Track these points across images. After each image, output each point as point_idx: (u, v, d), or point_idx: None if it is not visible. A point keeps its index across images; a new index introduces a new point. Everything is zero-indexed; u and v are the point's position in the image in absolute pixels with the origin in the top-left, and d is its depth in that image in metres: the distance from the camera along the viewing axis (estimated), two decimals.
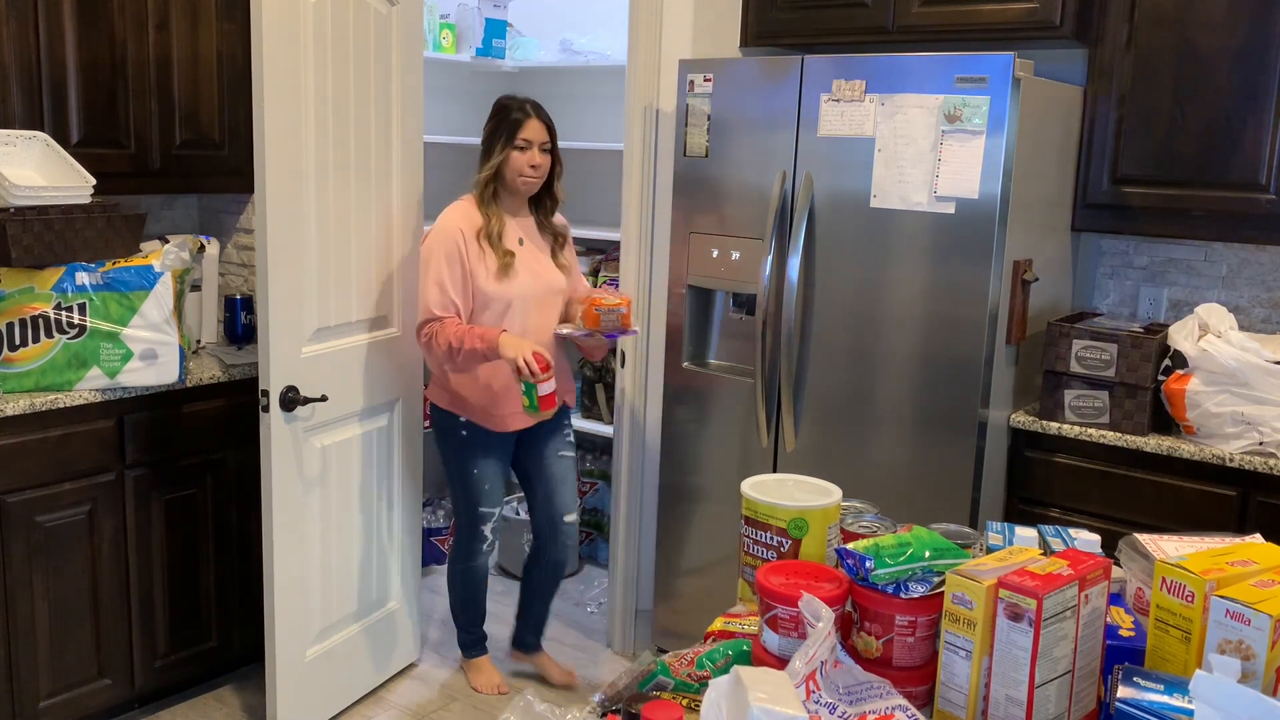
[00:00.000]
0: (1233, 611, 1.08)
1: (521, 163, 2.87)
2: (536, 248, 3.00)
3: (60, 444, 2.72)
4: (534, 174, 2.90)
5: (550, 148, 2.93)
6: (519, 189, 2.93)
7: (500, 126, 2.89)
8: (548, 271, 3.00)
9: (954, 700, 1.17)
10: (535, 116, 2.89)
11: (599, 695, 1.28)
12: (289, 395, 2.68)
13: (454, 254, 2.83)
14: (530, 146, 2.87)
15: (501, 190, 2.94)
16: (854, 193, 2.80)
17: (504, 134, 2.87)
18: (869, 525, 1.40)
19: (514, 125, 2.87)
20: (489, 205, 2.91)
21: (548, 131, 2.92)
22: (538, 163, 2.89)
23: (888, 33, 3.02)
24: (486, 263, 2.87)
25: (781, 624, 1.24)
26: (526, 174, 2.89)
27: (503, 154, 2.87)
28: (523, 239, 2.97)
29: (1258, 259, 2.95)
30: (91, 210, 2.79)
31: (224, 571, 3.14)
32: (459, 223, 2.87)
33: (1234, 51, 2.65)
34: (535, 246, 3.00)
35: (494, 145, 2.89)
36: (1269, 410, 2.51)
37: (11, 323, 2.69)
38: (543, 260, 3.00)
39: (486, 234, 2.87)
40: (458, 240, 2.84)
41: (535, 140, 2.88)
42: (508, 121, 2.88)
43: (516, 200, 2.98)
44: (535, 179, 2.92)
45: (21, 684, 2.70)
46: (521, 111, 2.88)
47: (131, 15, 3.00)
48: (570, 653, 3.56)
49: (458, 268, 2.83)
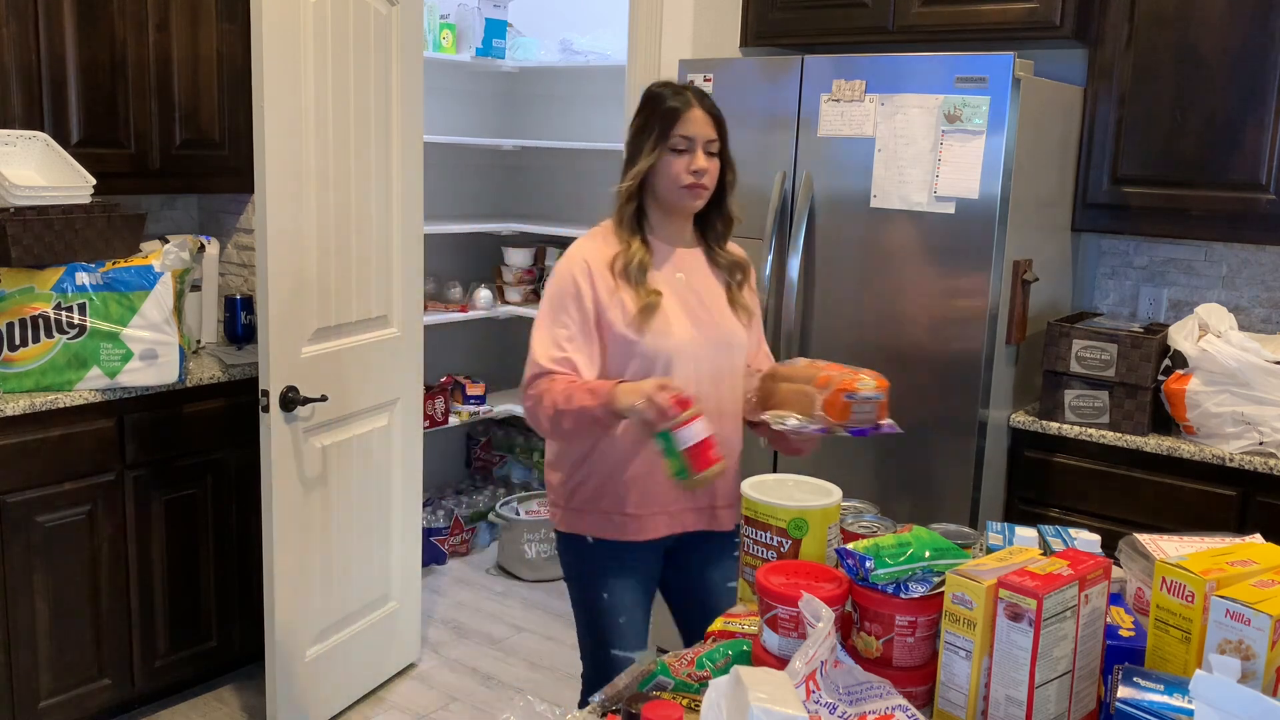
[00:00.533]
0: (1233, 611, 1.08)
1: (679, 169, 2.08)
2: (701, 286, 2.17)
3: (60, 444, 2.72)
4: (696, 183, 2.08)
5: (720, 148, 2.13)
6: (676, 205, 2.13)
7: (650, 122, 2.12)
8: (718, 318, 2.14)
9: (954, 700, 1.17)
10: (698, 105, 2.11)
11: (599, 695, 1.28)
12: (289, 395, 2.68)
13: (570, 293, 2.09)
14: (692, 147, 2.08)
15: (652, 207, 2.15)
16: (854, 193, 2.80)
17: (654, 131, 2.10)
18: (869, 525, 1.40)
19: (668, 118, 2.09)
20: (630, 228, 2.13)
21: (715, 126, 2.11)
22: (702, 168, 2.08)
23: (888, 33, 3.02)
24: (625, 302, 2.07)
25: (781, 624, 1.24)
26: (686, 183, 2.08)
27: (652, 158, 2.10)
28: (681, 274, 2.15)
29: (1258, 259, 2.95)
30: (91, 210, 2.79)
31: (224, 571, 3.14)
32: (584, 252, 2.13)
33: (1234, 51, 2.65)
34: (700, 284, 2.17)
35: (641, 147, 2.12)
36: (1269, 410, 2.51)
37: (11, 323, 2.69)
38: (710, 303, 2.15)
39: (624, 265, 2.08)
40: (576, 275, 2.09)
41: (699, 137, 2.08)
42: (660, 113, 2.11)
43: (673, 221, 2.17)
44: (698, 191, 2.10)
45: (21, 684, 2.70)
46: (679, 99, 2.11)
47: (131, 15, 3.00)
48: (570, 653, 3.56)
49: (574, 310, 2.08)
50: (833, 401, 1.93)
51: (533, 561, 4.10)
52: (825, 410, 1.93)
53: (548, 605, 3.92)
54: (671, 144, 2.07)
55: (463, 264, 4.53)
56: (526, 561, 4.10)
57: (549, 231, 4.26)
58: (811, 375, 1.98)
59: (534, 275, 4.40)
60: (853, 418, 1.93)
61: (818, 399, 1.93)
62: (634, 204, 2.13)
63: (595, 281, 2.07)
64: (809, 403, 1.95)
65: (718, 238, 2.21)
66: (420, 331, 3.22)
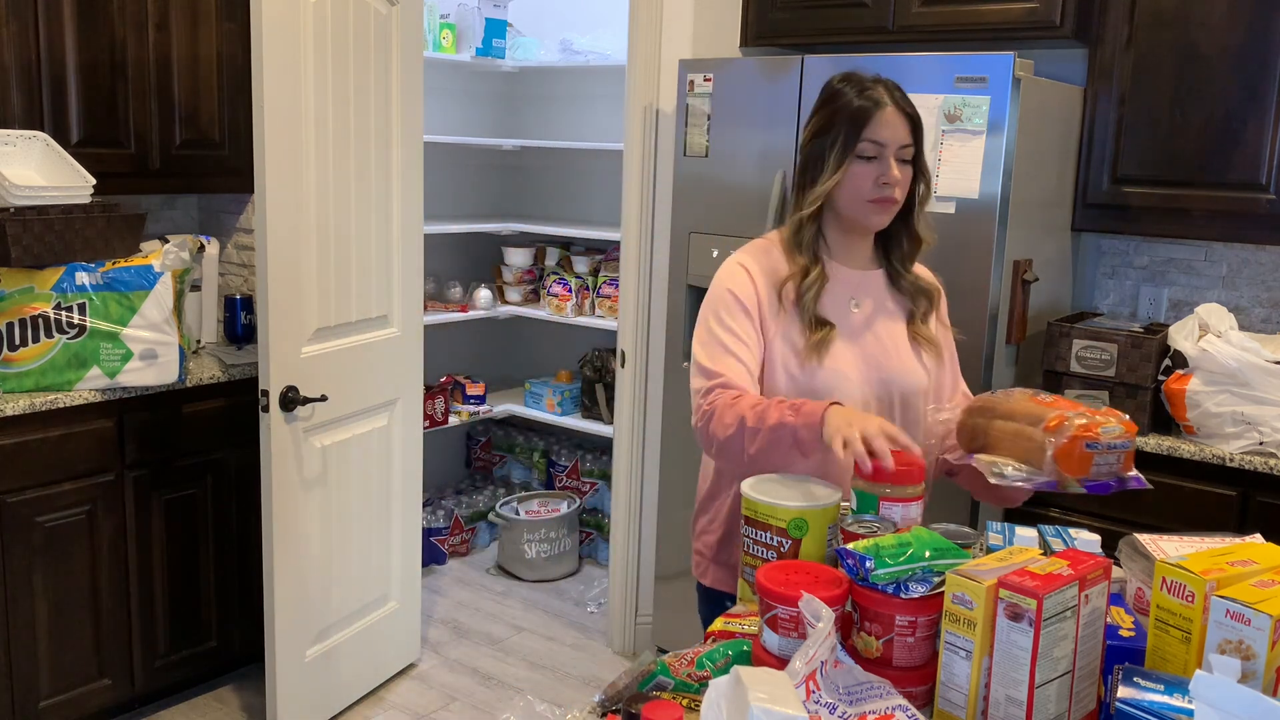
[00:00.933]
0: (1233, 612, 1.08)
1: (866, 180, 1.76)
2: (878, 317, 1.86)
3: (60, 444, 2.72)
4: (885, 197, 1.77)
5: (915, 154, 1.80)
6: (861, 222, 1.81)
7: (834, 123, 1.78)
8: (894, 358, 1.85)
9: (954, 700, 1.17)
10: (892, 103, 1.77)
11: (599, 695, 1.28)
12: (289, 395, 2.68)
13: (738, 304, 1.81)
14: (883, 152, 1.75)
15: (829, 223, 1.84)
16: None
17: (840, 134, 1.76)
18: (869, 525, 1.40)
19: (857, 119, 1.75)
20: (808, 251, 1.82)
21: (910, 128, 1.78)
22: (894, 179, 1.75)
23: (888, 32, 3.02)
24: (791, 333, 1.80)
25: (781, 624, 1.24)
26: (873, 197, 1.77)
27: (839, 174, 1.76)
28: (857, 301, 1.85)
29: (1258, 259, 2.95)
30: (91, 210, 2.79)
31: (224, 571, 3.14)
32: (749, 267, 1.84)
33: (1234, 51, 2.65)
34: (877, 315, 1.86)
35: (823, 155, 1.78)
36: (1269, 410, 2.50)
37: (11, 323, 2.69)
38: (887, 338, 1.85)
39: (798, 293, 1.80)
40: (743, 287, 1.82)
41: (891, 142, 1.75)
42: (846, 114, 1.76)
43: (853, 241, 1.86)
44: (887, 206, 1.79)
45: (21, 684, 2.70)
46: (866, 97, 1.76)
47: (131, 15, 3.00)
48: (570, 653, 3.56)
49: (743, 319, 1.80)
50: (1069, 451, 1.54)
51: (533, 561, 4.10)
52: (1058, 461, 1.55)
53: (548, 605, 3.92)
54: (860, 150, 1.75)
55: (463, 264, 4.53)
56: (526, 561, 4.10)
57: (549, 231, 4.26)
58: (1037, 414, 1.59)
59: (534, 275, 4.40)
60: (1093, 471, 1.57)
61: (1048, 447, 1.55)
62: (815, 225, 1.82)
63: (762, 301, 1.81)
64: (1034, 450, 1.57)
65: (903, 259, 1.88)
66: (420, 331, 3.22)
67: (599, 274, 4.12)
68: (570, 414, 4.25)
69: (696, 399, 1.78)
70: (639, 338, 3.40)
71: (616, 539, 3.56)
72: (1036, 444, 1.56)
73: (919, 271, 1.92)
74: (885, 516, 1.46)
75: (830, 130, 1.77)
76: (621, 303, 3.44)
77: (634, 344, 3.41)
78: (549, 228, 4.23)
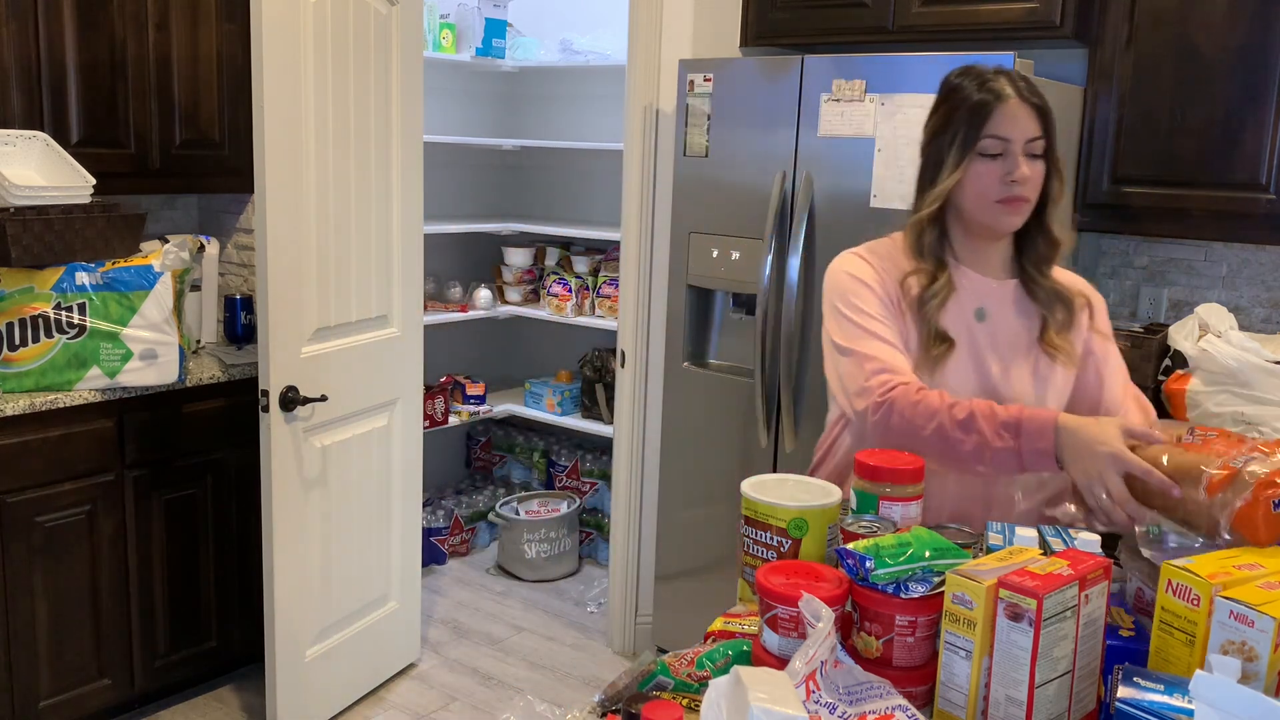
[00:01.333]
0: (1237, 613, 1.07)
1: (991, 179, 1.63)
2: (1004, 328, 1.73)
3: (60, 444, 2.72)
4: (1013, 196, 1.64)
5: (1046, 148, 1.67)
6: (991, 225, 1.68)
7: (952, 120, 1.66)
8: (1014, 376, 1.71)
9: (954, 700, 1.17)
10: (1016, 95, 1.64)
11: (599, 695, 1.28)
12: (289, 395, 2.68)
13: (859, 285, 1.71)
14: (1008, 148, 1.63)
15: (954, 226, 1.72)
16: (854, 193, 2.80)
17: (959, 131, 1.65)
18: (869, 525, 1.40)
19: (977, 114, 1.63)
20: (926, 254, 1.70)
21: (1040, 120, 1.65)
22: (1022, 176, 1.63)
23: (888, 32, 3.02)
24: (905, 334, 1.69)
25: (781, 624, 1.24)
26: (1000, 197, 1.64)
27: (959, 173, 1.65)
28: (984, 310, 1.72)
29: (1258, 259, 2.95)
30: (91, 210, 2.79)
31: (224, 571, 3.13)
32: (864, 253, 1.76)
33: (1234, 51, 2.65)
34: (1003, 325, 1.73)
35: (942, 153, 1.67)
36: (1269, 410, 2.50)
37: (11, 323, 2.69)
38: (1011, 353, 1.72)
39: (920, 295, 1.68)
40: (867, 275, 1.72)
41: (1017, 137, 1.63)
42: (965, 109, 1.64)
43: (980, 244, 1.73)
44: (1016, 205, 1.66)
45: (21, 684, 2.70)
46: (986, 90, 1.64)
47: (131, 15, 3.00)
48: (570, 653, 3.56)
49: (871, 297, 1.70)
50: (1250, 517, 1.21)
51: (532, 561, 4.10)
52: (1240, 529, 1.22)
53: (548, 605, 3.92)
54: (981, 147, 1.63)
55: (463, 264, 4.53)
56: (526, 561, 4.10)
57: (549, 231, 4.26)
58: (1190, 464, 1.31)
59: (534, 275, 4.40)
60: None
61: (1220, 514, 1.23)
62: (938, 228, 1.70)
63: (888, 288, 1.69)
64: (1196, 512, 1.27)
65: (1038, 262, 1.73)
66: (420, 331, 3.22)
67: (599, 274, 4.12)
68: (570, 414, 4.25)
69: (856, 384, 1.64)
70: (639, 338, 3.40)
71: (616, 539, 3.56)
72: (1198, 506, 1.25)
73: (1061, 277, 1.77)
74: (885, 516, 1.46)
75: (949, 128, 1.66)
76: (621, 303, 3.44)
77: (634, 344, 3.41)
78: (549, 228, 4.23)
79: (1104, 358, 1.78)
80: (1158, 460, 1.37)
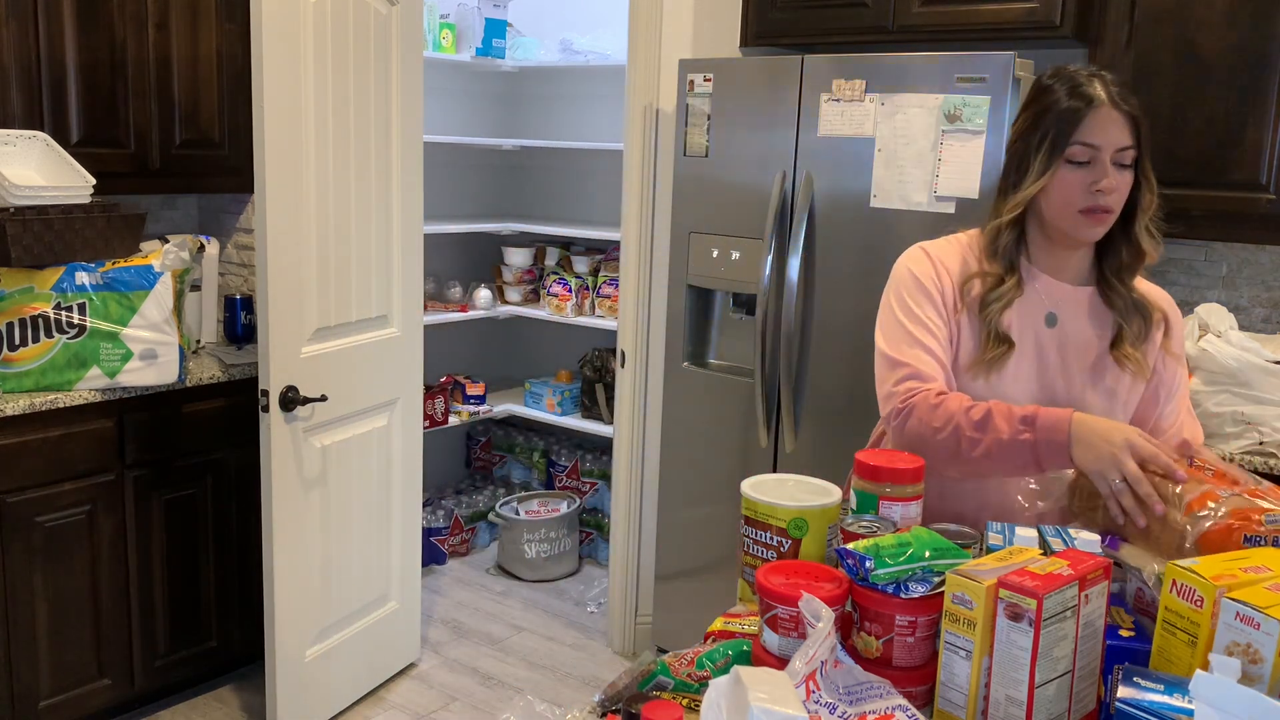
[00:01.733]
0: (1243, 615, 1.07)
1: (1076, 188, 1.58)
2: (1076, 335, 1.69)
3: (60, 444, 2.72)
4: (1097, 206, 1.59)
5: (1136, 158, 1.61)
6: (1071, 234, 1.63)
7: (1040, 122, 1.61)
8: (1080, 385, 1.68)
9: (954, 700, 1.17)
10: (1108, 101, 1.58)
11: (599, 695, 1.28)
12: (289, 395, 2.68)
13: (923, 289, 1.69)
14: (1097, 156, 1.58)
15: (1034, 230, 1.68)
16: (854, 193, 2.80)
17: (1048, 136, 1.59)
18: (869, 525, 1.40)
19: (1067, 119, 1.58)
20: (999, 256, 1.67)
21: (1132, 129, 1.59)
22: (1109, 186, 1.58)
23: (888, 32, 3.02)
24: (967, 337, 1.67)
25: (781, 624, 1.24)
26: (1083, 206, 1.59)
27: (1044, 179, 1.60)
28: (1055, 314, 1.68)
29: (1258, 259, 2.95)
30: (91, 210, 2.79)
31: (224, 571, 3.13)
32: (938, 255, 1.72)
33: (1234, 51, 2.65)
34: (1075, 332, 1.69)
35: (1028, 157, 1.62)
36: (1269, 410, 2.50)
37: (11, 323, 2.69)
38: (1078, 362, 1.68)
39: (983, 295, 1.65)
40: (928, 273, 1.70)
41: (1107, 145, 1.57)
42: (1055, 113, 1.59)
43: (1062, 252, 1.69)
44: (1100, 217, 1.60)
45: (21, 684, 2.70)
46: (1079, 95, 1.58)
47: (131, 15, 3.00)
48: (570, 653, 3.56)
49: (925, 301, 1.68)
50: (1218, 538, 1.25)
51: (532, 561, 4.10)
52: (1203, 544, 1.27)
53: (547, 605, 3.92)
54: (1069, 154, 1.58)
55: (463, 264, 4.53)
56: (526, 561, 4.10)
57: (549, 231, 4.26)
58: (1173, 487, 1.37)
59: (534, 275, 4.40)
60: None
61: (1187, 535, 1.28)
62: (1016, 231, 1.66)
63: (945, 289, 1.67)
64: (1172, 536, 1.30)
65: (1119, 270, 1.67)
66: (420, 331, 3.22)
67: (599, 274, 4.12)
68: (570, 414, 4.25)
69: (885, 389, 1.66)
70: (639, 338, 3.40)
71: (616, 539, 3.56)
72: (1174, 527, 1.29)
73: (1142, 288, 1.71)
74: (885, 516, 1.46)
75: (1037, 130, 1.60)
76: (621, 303, 3.44)
77: (634, 344, 3.41)
78: (549, 228, 4.23)
79: (1169, 380, 1.73)
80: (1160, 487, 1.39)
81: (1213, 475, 1.41)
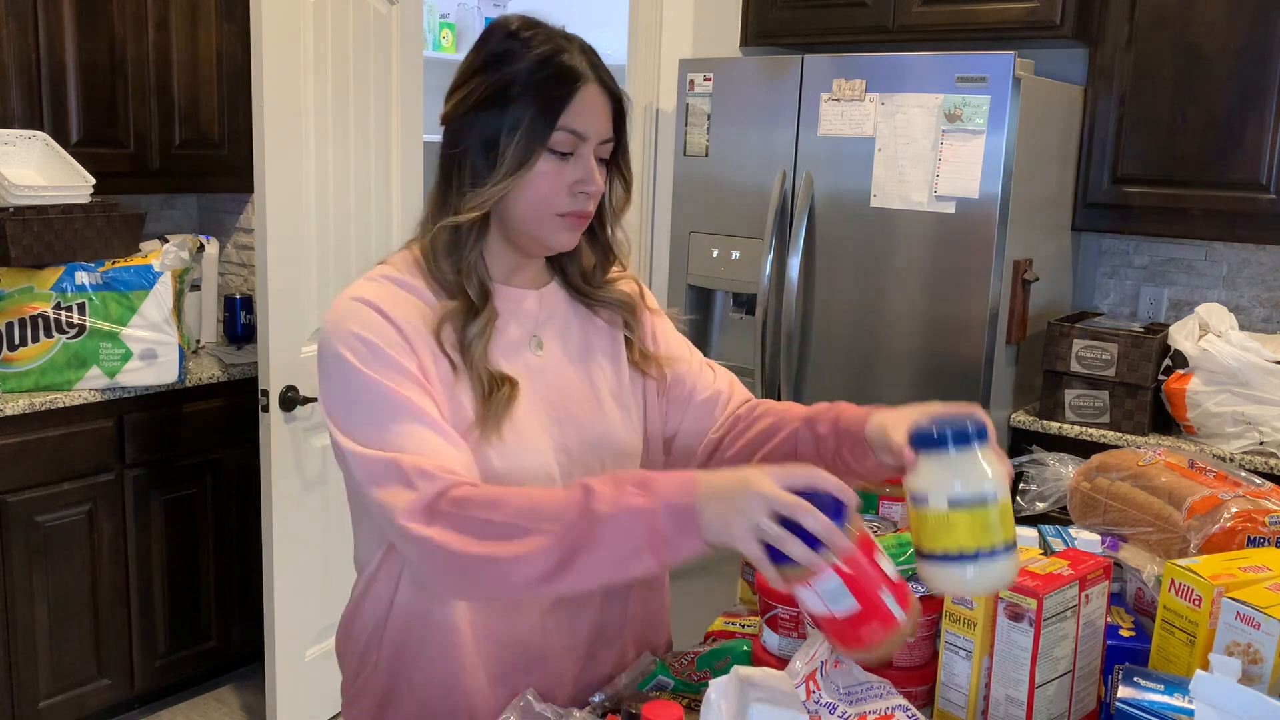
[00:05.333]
0: (1243, 615, 1.07)
1: (557, 185, 1.22)
2: (566, 349, 1.34)
3: (60, 444, 2.72)
4: (583, 211, 1.25)
5: (615, 150, 1.29)
6: (542, 241, 1.27)
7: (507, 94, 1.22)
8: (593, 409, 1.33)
9: (954, 700, 1.17)
10: (595, 79, 1.27)
11: (599, 695, 1.28)
12: (289, 395, 2.68)
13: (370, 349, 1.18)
14: (582, 148, 1.23)
15: (495, 237, 1.28)
16: (854, 193, 2.80)
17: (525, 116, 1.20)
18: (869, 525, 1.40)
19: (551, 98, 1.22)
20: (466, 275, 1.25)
21: (614, 115, 1.28)
22: (599, 188, 1.25)
23: (888, 32, 3.02)
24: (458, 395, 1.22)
25: (781, 624, 1.24)
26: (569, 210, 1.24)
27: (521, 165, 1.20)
28: (540, 338, 1.31)
29: (1258, 259, 2.95)
30: (91, 210, 2.78)
31: (224, 571, 3.13)
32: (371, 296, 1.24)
33: (1234, 51, 2.65)
34: (564, 348, 1.33)
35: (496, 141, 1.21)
36: (1269, 410, 2.50)
37: (11, 322, 2.69)
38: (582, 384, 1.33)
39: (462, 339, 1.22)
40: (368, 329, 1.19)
41: (593, 136, 1.24)
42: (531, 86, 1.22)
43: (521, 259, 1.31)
44: (583, 222, 1.27)
45: (21, 684, 2.70)
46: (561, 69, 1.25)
47: (131, 15, 3.00)
48: None
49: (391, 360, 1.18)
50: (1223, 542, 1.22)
51: None
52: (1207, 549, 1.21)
53: None
54: (553, 143, 1.21)
55: None
56: None
57: None
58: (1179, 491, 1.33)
59: None
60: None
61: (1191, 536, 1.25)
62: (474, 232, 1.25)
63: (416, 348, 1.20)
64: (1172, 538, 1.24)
65: (588, 275, 1.36)
66: None
67: None
68: None
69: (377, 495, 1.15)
70: None
71: None
72: (1174, 530, 1.22)
73: (618, 285, 1.39)
74: (885, 516, 1.45)
75: (505, 104, 1.20)
76: None
77: None
78: None
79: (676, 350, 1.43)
80: (1120, 492, 1.34)
81: (1214, 478, 1.40)
